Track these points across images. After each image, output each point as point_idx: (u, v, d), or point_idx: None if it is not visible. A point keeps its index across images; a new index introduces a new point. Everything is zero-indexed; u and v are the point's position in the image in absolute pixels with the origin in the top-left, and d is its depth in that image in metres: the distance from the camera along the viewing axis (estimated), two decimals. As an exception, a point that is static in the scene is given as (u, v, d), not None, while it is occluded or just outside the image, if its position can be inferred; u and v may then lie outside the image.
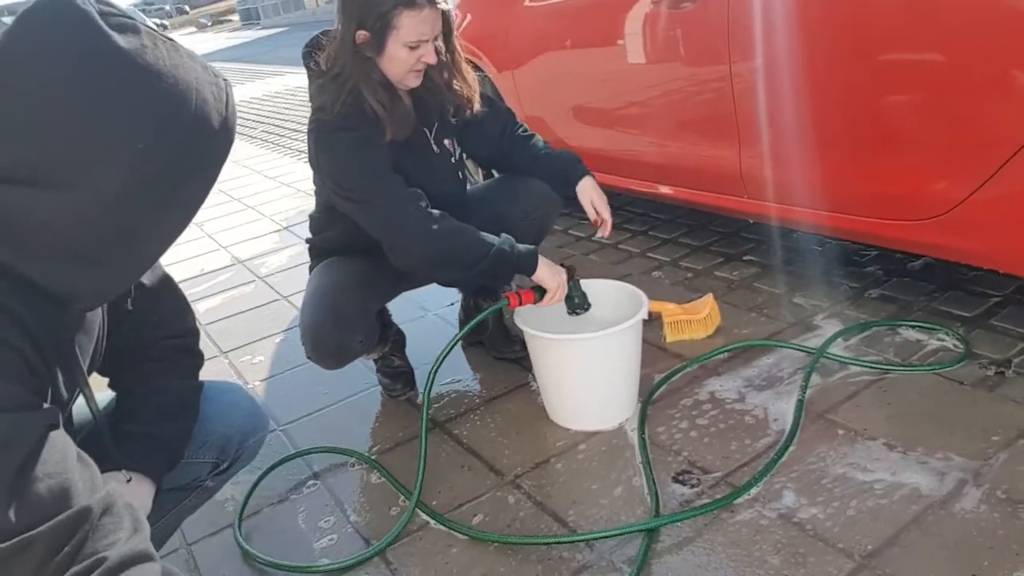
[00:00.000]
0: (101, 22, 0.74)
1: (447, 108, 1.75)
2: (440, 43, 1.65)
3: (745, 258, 2.43)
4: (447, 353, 1.62)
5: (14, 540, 0.71)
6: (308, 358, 1.72)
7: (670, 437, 1.61)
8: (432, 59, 1.58)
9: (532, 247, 1.66)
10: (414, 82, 1.62)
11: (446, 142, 1.78)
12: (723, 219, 2.69)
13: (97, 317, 0.98)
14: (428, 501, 1.54)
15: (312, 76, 1.66)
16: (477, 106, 1.77)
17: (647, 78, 2.31)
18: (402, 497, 1.57)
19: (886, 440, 1.48)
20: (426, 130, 1.73)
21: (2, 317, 0.78)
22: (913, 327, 1.84)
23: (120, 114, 0.74)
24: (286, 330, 2.48)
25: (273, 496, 1.65)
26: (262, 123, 7.07)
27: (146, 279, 1.09)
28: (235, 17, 36.22)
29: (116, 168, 0.74)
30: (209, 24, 38.23)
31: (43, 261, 0.79)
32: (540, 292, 1.68)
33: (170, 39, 0.82)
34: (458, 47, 1.72)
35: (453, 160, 1.80)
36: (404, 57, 1.56)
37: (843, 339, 1.84)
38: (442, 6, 1.56)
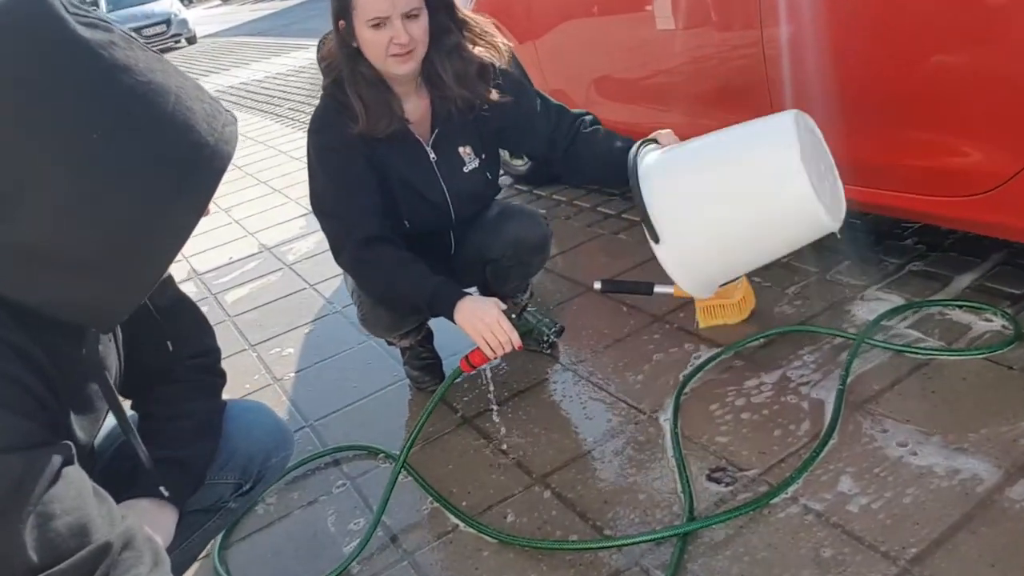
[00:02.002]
0: (65, 14, 0.72)
1: (454, 111, 1.66)
2: (436, 33, 1.57)
3: (780, 233, 2.34)
4: (425, 420, 1.53)
5: None
6: (361, 323, 1.84)
7: (704, 431, 1.57)
8: (403, 38, 1.48)
9: (457, 292, 1.54)
10: (399, 68, 1.54)
11: (461, 149, 1.71)
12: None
13: (112, 352, 0.97)
14: (457, 502, 1.53)
15: (320, 65, 1.66)
16: (494, 96, 1.66)
17: (675, 45, 2.21)
18: (430, 499, 1.56)
19: (931, 431, 1.41)
20: (420, 137, 1.67)
21: (7, 351, 0.77)
22: (959, 307, 1.75)
23: (74, 102, 0.72)
24: (314, 320, 2.48)
25: (303, 499, 1.65)
26: (288, 99, 7.04)
27: (162, 301, 1.07)
28: (258, -12, 35.97)
29: (74, 160, 0.72)
30: (232, -4, 38.08)
31: (36, 286, 0.77)
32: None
33: (158, 53, 0.79)
34: (468, 25, 1.62)
35: (467, 169, 1.72)
36: (372, 39, 1.50)
37: (884, 322, 1.76)
38: None
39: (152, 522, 0.94)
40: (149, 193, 0.76)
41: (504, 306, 1.53)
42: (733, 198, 1.47)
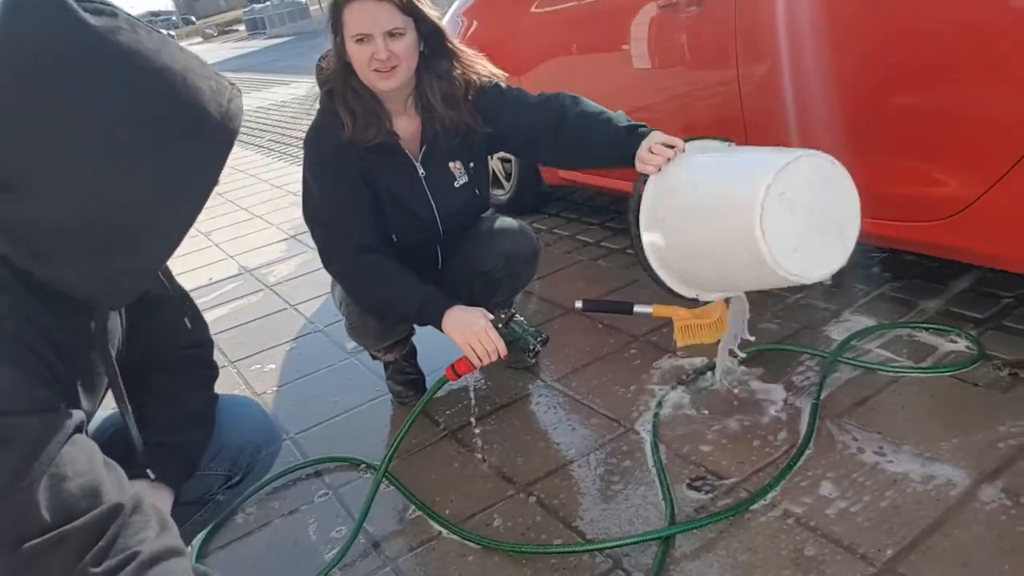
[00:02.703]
0: (73, 3, 0.75)
1: (440, 129, 1.70)
2: (427, 58, 1.63)
3: (755, 261, 2.41)
4: (408, 427, 1.54)
5: (46, 536, 0.73)
6: (348, 332, 1.88)
7: (683, 443, 1.60)
8: (382, 54, 1.53)
9: (448, 302, 1.57)
10: (381, 83, 1.59)
11: (451, 165, 1.76)
12: (732, 222, 2.68)
13: (117, 330, 0.99)
14: (440, 510, 1.53)
15: (317, 81, 1.71)
16: (479, 129, 1.72)
17: (653, 83, 2.30)
18: (412, 507, 1.56)
19: (901, 443, 1.46)
20: (409, 153, 1.71)
21: (24, 322, 0.79)
22: (926, 329, 1.82)
23: (85, 87, 0.74)
24: (295, 339, 2.48)
25: (284, 508, 1.64)
26: (268, 132, 7.10)
27: (162, 291, 1.09)
28: (241, 27, 36.49)
29: (86, 143, 0.74)
30: (215, 34, 38.54)
31: (51, 263, 0.79)
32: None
33: (161, 32, 0.82)
34: (456, 54, 1.68)
35: (457, 184, 1.77)
36: (356, 54, 1.56)
37: (856, 342, 1.83)
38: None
39: (151, 498, 0.94)
40: (161, 172, 0.79)
41: (491, 316, 1.57)
42: (704, 235, 1.49)
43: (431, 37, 1.63)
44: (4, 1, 0.75)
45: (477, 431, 1.79)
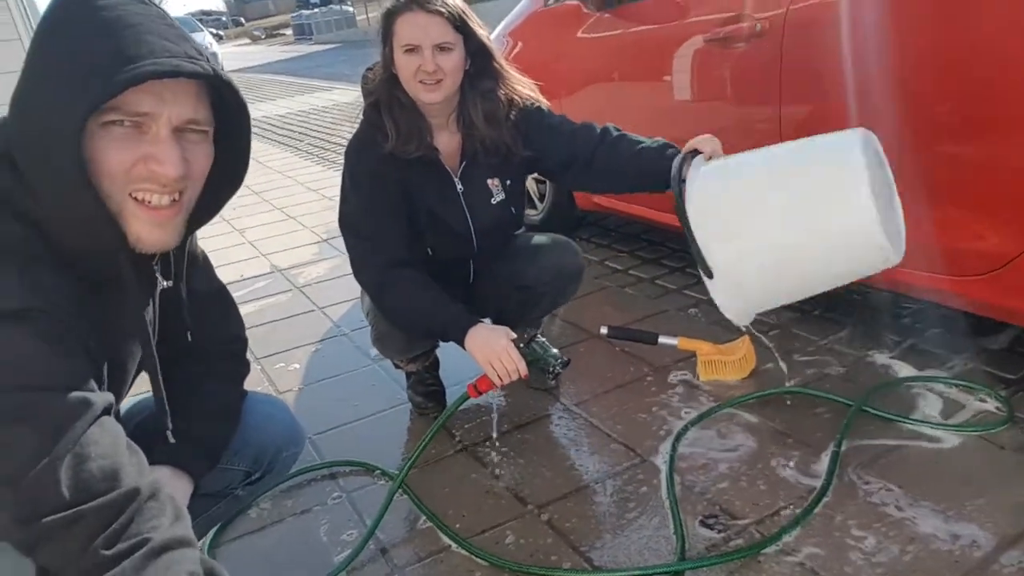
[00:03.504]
0: None
1: (480, 148, 1.73)
2: (472, 76, 1.65)
3: (783, 302, 2.40)
4: (429, 440, 1.59)
5: (64, 513, 0.74)
6: (373, 343, 1.90)
7: (699, 479, 1.59)
8: (430, 66, 1.56)
9: (472, 320, 1.59)
10: (426, 96, 1.61)
11: (489, 182, 1.78)
12: (763, 261, 2.67)
13: (149, 316, 1.01)
14: (451, 524, 1.54)
15: (363, 92, 1.75)
16: (517, 150, 1.74)
17: (693, 115, 2.32)
18: (423, 517, 1.57)
19: (923, 498, 1.44)
20: (449, 168, 1.74)
21: (63, 300, 0.82)
22: (956, 386, 1.80)
23: (43, 27, 0.81)
24: (320, 341, 2.51)
25: (298, 507, 1.66)
26: (308, 136, 7.21)
27: (200, 284, 1.12)
28: (288, 31, 37.19)
29: (26, 70, 0.80)
30: (263, 36, 39.31)
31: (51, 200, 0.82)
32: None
33: (161, 12, 0.85)
34: (502, 75, 1.70)
35: (494, 200, 1.79)
36: (403, 64, 1.59)
37: (882, 393, 1.81)
38: (439, 9, 1.55)
39: (170, 486, 0.96)
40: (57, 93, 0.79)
41: (514, 335, 1.58)
42: (790, 225, 1.35)
43: (478, 55, 1.66)
44: None
45: (494, 448, 1.79)
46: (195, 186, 0.89)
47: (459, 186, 1.76)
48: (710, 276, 1.41)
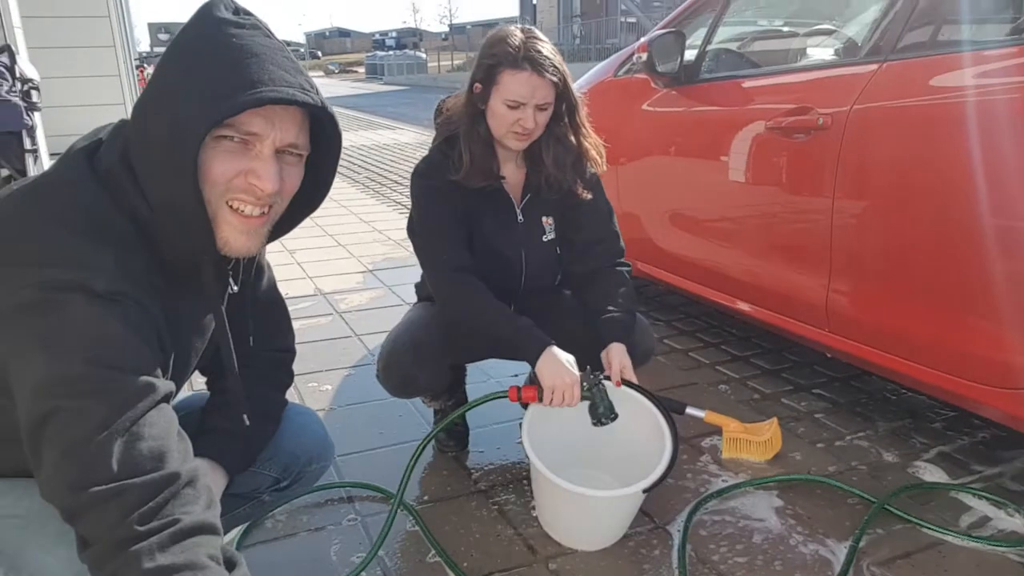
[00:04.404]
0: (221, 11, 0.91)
1: (544, 184, 1.79)
2: (550, 120, 1.70)
3: (815, 391, 2.39)
4: (424, 445, 1.65)
5: (111, 485, 0.78)
6: (376, 377, 1.84)
7: (712, 554, 1.58)
8: (529, 124, 1.63)
9: (545, 341, 1.61)
10: (513, 144, 1.69)
11: (544, 219, 1.84)
12: (798, 348, 2.66)
13: (211, 322, 1.08)
14: (459, 562, 1.55)
15: (435, 122, 1.83)
16: (580, 188, 1.80)
17: (747, 197, 2.36)
18: (433, 551, 1.58)
19: (938, 608, 1.41)
20: (513, 198, 1.80)
21: (152, 292, 0.89)
22: (984, 497, 1.77)
23: (175, 49, 0.89)
24: (353, 366, 2.57)
25: (312, 523, 1.69)
26: (366, 170, 7.43)
27: (263, 293, 1.19)
28: (361, 69, 38.58)
29: (156, 83, 0.89)
30: (336, 71, 40.76)
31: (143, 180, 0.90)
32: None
33: (280, 43, 0.94)
34: (582, 132, 1.76)
35: (545, 238, 1.85)
36: (503, 113, 1.65)
37: (907, 494, 1.78)
38: (551, 77, 1.62)
39: (208, 477, 1.01)
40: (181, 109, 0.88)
41: (580, 373, 1.60)
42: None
43: (563, 102, 1.71)
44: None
45: (511, 494, 1.80)
46: (283, 202, 0.97)
47: (520, 217, 1.82)
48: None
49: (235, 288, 1.08)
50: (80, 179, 0.89)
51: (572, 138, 1.76)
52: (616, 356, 1.70)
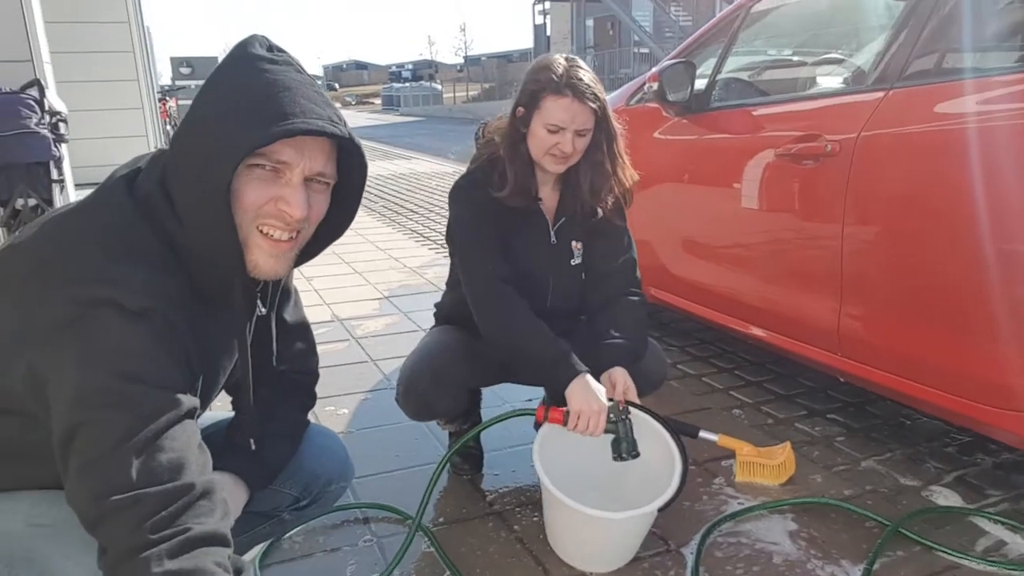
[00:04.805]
0: (255, 48, 0.96)
1: (579, 209, 1.82)
2: (589, 147, 1.73)
3: (829, 416, 2.40)
4: (442, 467, 1.66)
5: (129, 494, 0.81)
6: (396, 401, 1.87)
7: (729, 573, 1.59)
8: (568, 148, 1.67)
9: (581, 368, 1.63)
10: (551, 166, 1.73)
11: (573, 243, 1.87)
12: (811, 373, 2.67)
13: (236, 343, 1.12)
14: (474, 582, 1.57)
15: (476, 143, 1.89)
16: (611, 222, 1.84)
17: (757, 223, 2.39)
18: (448, 573, 1.60)
19: (954, 631, 1.41)
20: (548, 219, 1.84)
21: (183, 310, 0.92)
22: (1000, 522, 1.76)
23: (213, 80, 0.95)
24: (370, 391, 2.60)
25: (328, 544, 1.71)
26: (383, 199, 7.54)
27: (289, 316, 1.23)
28: (377, 101, 39.21)
29: (194, 111, 0.93)
30: (353, 103, 41.43)
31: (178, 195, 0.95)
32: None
33: (311, 79, 0.99)
34: (618, 162, 1.79)
35: (573, 262, 1.87)
36: (543, 136, 1.69)
37: (922, 518, 1.78)
38: (591, 104, 1.66)
39: (228, 492, 1.04)
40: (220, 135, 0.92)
41: (609, 403, 1.62)
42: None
43: (602, 129, 1.75)
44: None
45: (524, 515, 1.82)
46: (310, 228, 1.02)
47: (553, 239, 1.85)
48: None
49: (263, 310, 1.12)
50: (119, 204, 0.94)
51: (608, 166, 1.79)
52: (619, 377, 1.71)
